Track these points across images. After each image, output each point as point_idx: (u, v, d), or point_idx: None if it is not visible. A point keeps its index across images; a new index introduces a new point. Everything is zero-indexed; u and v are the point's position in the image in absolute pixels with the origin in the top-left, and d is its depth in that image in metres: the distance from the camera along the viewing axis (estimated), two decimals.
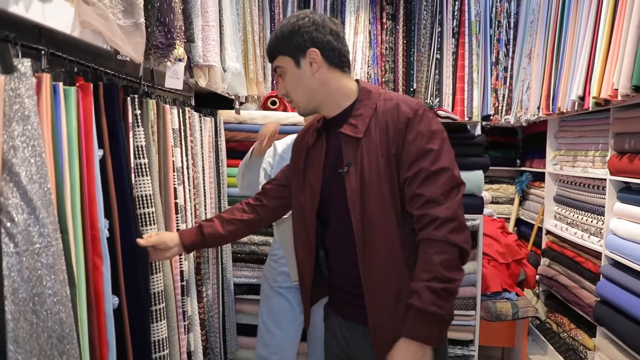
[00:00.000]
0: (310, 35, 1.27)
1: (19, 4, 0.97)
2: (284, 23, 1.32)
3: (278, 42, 1.32)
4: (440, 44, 3.71)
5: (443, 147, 1.25)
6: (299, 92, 1.33)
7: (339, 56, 1.32)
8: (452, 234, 1.19)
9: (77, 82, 1.24)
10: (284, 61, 1.31)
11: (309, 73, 1.29)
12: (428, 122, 1.25)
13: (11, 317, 0.94)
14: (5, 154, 0.96)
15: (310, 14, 1.31)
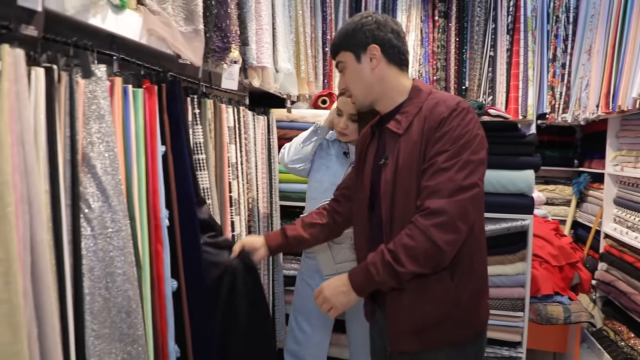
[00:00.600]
0: (372, 33, 1.34)
1: (96, 17, 1.10)
2: (348, 21, 1.39)
3: (341, 39, 1.39)
4: (494, 41, 3.63)
5: (465, 147, 1.24)
6: (358, 86, 1.39)
7: (398, 54, 1.37)
8: (434, 227, 1.20)
9: (144, 84, 1.36)
10: (345, 56, 1.38)
11: (369, 68, 1.35)
12: (460, 122, 1.25)
13: (87, 292, 1.07)
14: (85, 148, 1.09)
15: (374, 14, 1.38)
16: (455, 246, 1.24)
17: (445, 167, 1.23)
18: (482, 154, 1.27)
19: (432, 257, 1.23)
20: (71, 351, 1.02)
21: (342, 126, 1.87)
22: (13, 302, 0.86)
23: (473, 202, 1.24)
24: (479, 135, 1.27)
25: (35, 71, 0.96)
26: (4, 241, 0.86)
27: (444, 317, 1.31)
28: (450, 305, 1.30)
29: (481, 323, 1.39)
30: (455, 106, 1.27)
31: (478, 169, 1.25)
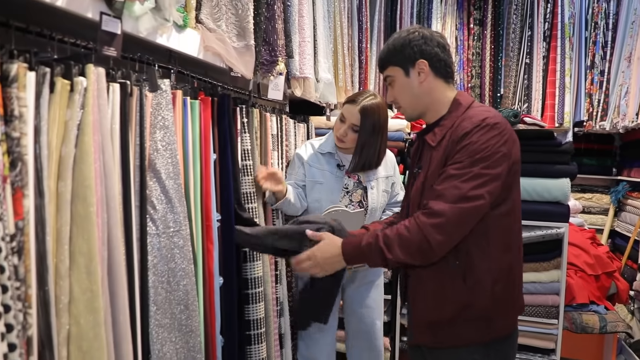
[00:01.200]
0: (420, 48, 1.39)
1: (162, 36, 1.22)
2: (395, 37, 1.45)
3: (389, 54, 1.44)
4: (530, 48, 3.63)
5: (480, 161, 1.27)
6: (407, 99, 1.45)
7: (444, 67, 1.42)
8: (431, 227, 1.27)
9: (199, 96, 1.48)
10: (394, 71, 1.44)
11: (417, 82, 1.41)
12: (480, 137, 1.28)
13: (152, 285, 1.19)
14: (151, 155, 1.21)
15: (420, 28, 1.43)
16: (445, 249, 1.30)
17: (455, 175, 1.28)
18: (499, 170, 1.28)
19: (422, 252, 1.30)
20: (138, 337, 1.14)
21: (341, 133, 1.93)
22: (93, 290, 0.98)
23: (475, 213, 1.28)
24: (500, 152, 1.28)
25: (112, 87, 1.08)
26: (87, 237, 0.98)
27: (456, 317, 1.36)
28: (462, 307, 1.35)
29: (498, 329, 1.39)
30: (480, 122, 1.30)
31: (488, 184, 1.27)
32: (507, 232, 1.38)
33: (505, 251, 1.37)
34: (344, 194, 2.03)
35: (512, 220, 1.38)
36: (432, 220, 1.27)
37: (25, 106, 0.86)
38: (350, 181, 2.04)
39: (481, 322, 1.36)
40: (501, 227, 1.36)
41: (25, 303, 0.85)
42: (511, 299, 1.42)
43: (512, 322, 1.44)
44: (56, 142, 0.95)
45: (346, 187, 2.03)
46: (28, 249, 0.86)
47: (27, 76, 0.87)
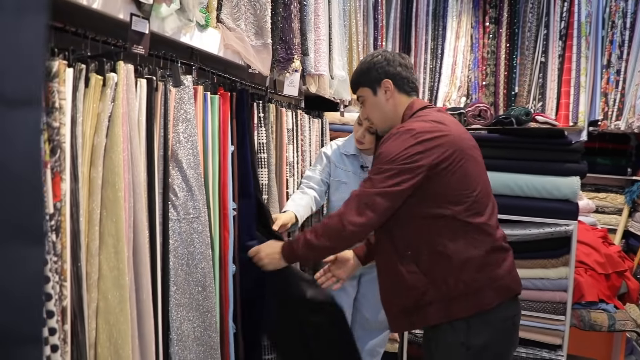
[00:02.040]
0: (384, 69, 1.58)
1: (186, 35, 1.30)
2: (362, 61, 1.65)
3: (359, 77, 1.64)
4: (546, 46, 3.64)
5: (388, 162, 1.42)
6: (377, 115, 1.64)
7: (407, 83, 1.60)
8: (351, 213, 1.43)
9: (219, 91, 1.56)
10: (364, 91, 1.63)
11: (384, 99, 1.60)
12: (390, 143, 1.44)
13: (172, 267, 1.28)
14: (174, 146, 1.30)
15: (383, 52, 1.62)
16: (358, 227, 1.43)
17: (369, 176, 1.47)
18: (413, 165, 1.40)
19: (335, 231, 1.47)
20: (159, 315, 1.23)
21: (359, 135, 1.99)
22: (120, 268, 1.07)
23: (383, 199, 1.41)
24: (412, 151, 1.41)
25: (140, 82, 1.17)
26: (116, 219, 1.07)
27: (422, 300, 1.46)
28: (424, 290, 1.45)
29: (461, 311, 1.45)
30: (397, 130, 1.46)
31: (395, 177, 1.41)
32: (459, 225, 1.45)
33: (457, 243, 1.45)
34: None
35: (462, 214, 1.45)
36: (347, 204, 1.46)
37: (64, 99, 0.95)
38: None
39: (444, 304, 1.45)
40: (451, 223, 1.45)
41: (61, 276, 0.94)
42: (475, 283, 1.46)
43: (478, 302, 1.47)
44: (90, 132, 1.04)
45: None
46: (64, 227, 0.95)
47: (66, 72, 0.96)
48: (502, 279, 1.54)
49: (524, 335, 2.45)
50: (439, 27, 3.94)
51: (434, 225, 1.45)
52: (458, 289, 1.44)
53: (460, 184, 1.45)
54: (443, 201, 1.44)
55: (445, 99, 3.80)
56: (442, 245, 1.44)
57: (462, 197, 1.45)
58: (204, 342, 1.32)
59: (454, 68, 3.87)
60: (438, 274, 1.45)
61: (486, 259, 1.50)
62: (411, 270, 1.47)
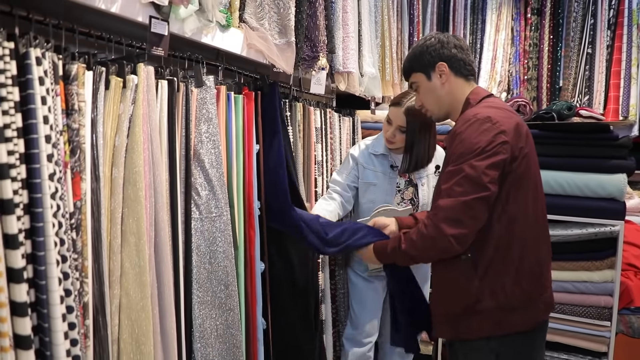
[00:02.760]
0: (438, 52, 1.48)
1: (207, 36, 1.32)
2: (414, 46, 1.56)
3: (411, 62, 1.55)
4: (593, 37, 3.44)
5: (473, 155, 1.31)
6: (431, 102, 1.54)
7: (464, 66, 1.49)
8: (446, 223, 1.32)
9: (243, 91, 1.57)
10: (417, 77, 1.54)
11: (439, 84, 1.50)
12: (470, 133, 1.33)
13: (195, 265, 1.30)
14: (196, 145, 1.31)
15: (436, 34, 1.52)
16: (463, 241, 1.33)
17: (454, 171, 1.33)
18: (497, 159, 1.30)
19: (439, 247, 1.37)
20: (181, 312, 1.25)
21: (389, 135, 1.94)
22: (141, 265, 1.10)
23: (482, 204, 1.31)
24: (495, 141, 1.31)
25: (161, 83, 1.19)
26: (137, 217, 1.09)
27: (472, 308, 1.37)
28: (478, 297, 1.37)
29: (516, 323, 1.38)
30: (470, 118, 1.36)
31: (488, 174, 1.30)
32: (521, 227, 1.37)
33: (518, 246, 1.37)
34: (396, 192, 2.05)
35: (526, 214, 1.38)
36: (442, 215, 1.34)
37: (84, 101, 0.98)
38: (401, 180, 2.06)
39: (496, 314, 1.37)
40: (514, 223, 1.36)
41: (82, 273, 0.98)
42: (530, 293, 1.40)
43: (533, 315, 1.42)
44: (110, 133, 1.07)
45: (398, 186, 2.05)
46: (85, 226, 0.98)
47: (86, 75, 0.99)
48: (547, 290, 1.47)
49: (566, 341, 2.33)
50: (477, 20, 3.80)
51: (501, 226, 1.36)
52: (516, 299, 1.36)
53: (527, 180, 1.38)
54: (510, 199, 1.35)
55: None
56: (506, 248, 1.36)
57: (528, 195, 1.38)
58: (226, 339, 1.34)
59: (493, 63, 3.74)
60: (497, 280, 1.36)
61: (543, 266, 1.44)
62: (468, 274, 1.38)
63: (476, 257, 1.37)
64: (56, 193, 0.88)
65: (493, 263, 1.36)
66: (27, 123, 0.84)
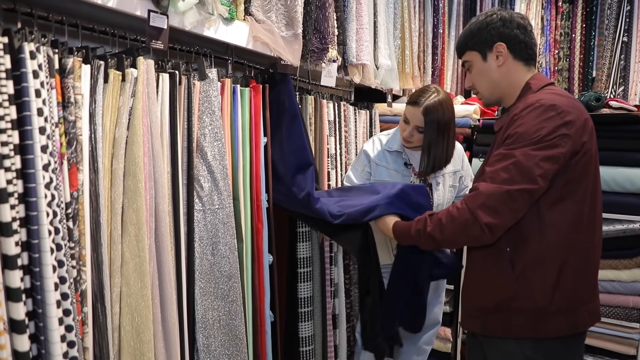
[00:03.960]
0: (498, 31, 1.35)
1: (210, 29, 1.32)
2: (472, 21, 1.42)
3: (467, 39, 1.42)
4: (629, 24, 3.27)
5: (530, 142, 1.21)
6: (484, 84, 1.41)
7: (525, 49, 1.36)
8: (480, 208, 1.24)
9: (251, 84, 1.58)
10: (471, 56, 1.41)
11: (495, 66, 1.37)
12: (532, 119, 1.23)
13: (197, 255, 1.31)
14: (199, 138, 1.33)
15: (498, 10, 1.39)
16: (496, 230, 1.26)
17: (505, 155, 1.24)
18: (555, 152, 1.20)
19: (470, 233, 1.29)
20: (183, 302, 1.27)
21: (407, 135, 1.86)
22: (141, 255, 1.12)
23: (524, 196, 1.22)
24: (558, 133, 1.21)
25: (162, 76, 1.21)
26: (137, 208, 1.11)
27: (503, 306, 1.30)
28: (509, 297, 1.29)
29: (553, 328, 1.28)
30: (533, 102, 1.25)
31: (541, 166, 1.20)
32: (572, 227, 1.26)
33: (566, 248, 1.26)
34: None
35: (581, 215, 1.27)
36: (479, 200, 1.25)
37: (81, 94, 1.00)
38: (415, 179, 1.99)
39: (531, 315, 1.29)
40: (565, 222, 1.26)
41: (80, 261, 1.00)
42: (572, 299, 1.30)
43: (572, 323, 1.31)
44: (110, 126, 1.09)
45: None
46: (83, 216, 1.01)
47: (82, 68, 1.01)
48: (594, 299, 1.35)
49: (593, 343, 2.24)
50: None
51: (550, 224, 1.25)
52: (555, 303, 1.27)
53: (585, 179, 1.27)
54: (565, 197, 1.24)
55: None
56: (552, 249, 1.26)
57: (585, 195, 1.27)
58: (229, 331, 1.35)
59: None
60: (536, 280, 1.27)
61: (592, 273, 1.33)
62: (505, 269, 1.29)
63: (516, 253, 1.28)
64: (51, 183, 0.90)
65: (534, 262, 1.27)
66: (21, 115, 0.87)
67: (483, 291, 1.36)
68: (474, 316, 1.41)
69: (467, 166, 2.07)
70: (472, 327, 1.44)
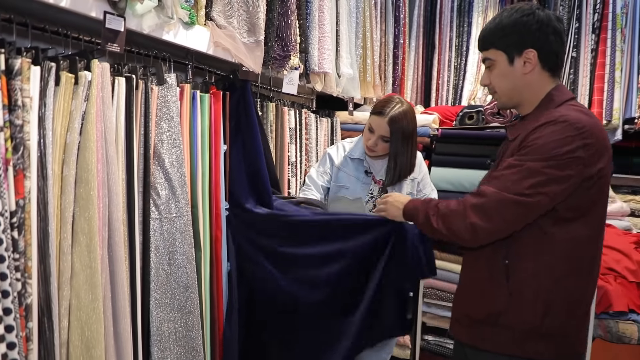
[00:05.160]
0: (532, 35, 1.24)
1: (169, 33, 1.29)
2: (505, 15, 1.28)
3: (495, 35, 1.29)
4: (577, 40, 3.44)
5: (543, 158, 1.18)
6: (505, 88, 1.31)
7: (555, 59, 1.27)
8: (472, 208, 1.23)
9: (211, 90, 1.55)
10: (496, 55, 1.29)
11: (520, 72, 1.27)
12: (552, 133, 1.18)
13: (153, 266, 1.27)
14: (156, 145, 1.29)
15: (537, 9, 1.26)
16: (483, 235, 1.23)
17: (514, 165, 1.21)
18: (564, 173, 1.16)
19: (459, 230, 1.27)
20: (138, 315, 1.22)
21: (371, 144, 1.89)
22: (93, 266, 1.07)
23: (523, 210, 1.19)
24: (573, 154, 1.16)
25: (118, 80, 1.17)
26: (89, 217, 1.06)
27: (492, 319, 1.27)
28: (498, 311, 1.25)
29: (542, 351, 1.23)
30: (557, 117, 1.20)
31: (548, 184, 1.16)
32: (575, 249, 1.22)
33: (565, 269, 1.23)
34: (369, 199, 2.02)
35: (588, 238, 1.23)
36: (474, 200, 1.24)
37: (29, 97, 0.95)
38: (375, 187, 2.02)
39: (519, 334, 1.25)
40: (569, 243, 1.22)
41: (25, 274, 0.95)
42: (564, 324, 1.25)
43: (563, 351, 1.26)
44: (61, 131, 1.04)
45: (371, 192, 2.01)
46: (29, 225, 0.95)
47: (32, 70, 0.96)
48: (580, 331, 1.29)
49: None
50: (464, 23, 3.81)
51: (554, 245, 1.21)
52: (546, 327, 1.23)
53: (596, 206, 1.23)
54: (575, 220, 1.20)
55: (470, 97, 3.66)
56: (551, 270, 1.21)
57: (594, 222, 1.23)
58: (185, 343, 1.31)
59: (479, 66, 3.73)
60: (529, 299, 1.22)
61: (589, 302, 1.28)
62: (498, 282, 1.25)
63: (513, 268, 1.24)
64: None
65: (530, 279, 1.23)
66: None
67: (475, 300, 1.32)
68: (463, 324, 1.37)
69: (425, 174, 2.12)
70: (459, 335, 1.40)
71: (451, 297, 2.41)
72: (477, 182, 2.36)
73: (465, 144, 2.47)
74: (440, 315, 2.48)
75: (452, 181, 2.46)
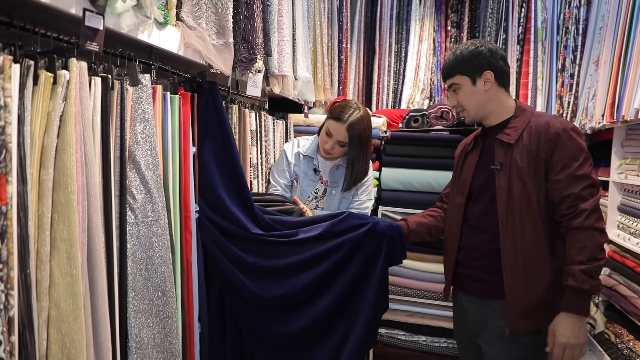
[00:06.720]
0: (487, 60, 1.60)
1: (144, 33, 1.26)
2: (462, 48, 1.64)
3: (458, 64, 1.63)
4: (505, 50, 3.74)
5: (584, 161, 1.51)
6: (472, 104, 1.65)
7: (506, 78, 1.65)
8: (597, 222, 1.48)
9: (179, 91, 1.53)
10: (460, 79, 1.63)
11: (482, 90, 1.62)
12: (574, 139, 1.53)
13: (130, 272, 1.23)
14: (131, 147, 1.25)
15: (486, 42, 1.63)
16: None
17: (581, 176, 1.49)
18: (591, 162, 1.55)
19: (599, 243, 1.49)
20: (116, 322, 1.18)
21: (329, 147, 1.95)
22: (73, 274, 1.02)
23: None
24: (585, 146, 1.55)
25: (94, 80, 1.12)
26: (68, 223, 1.02)
27: (546, 299, 1.52)
28: (548, 289, 1.52)
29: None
30: (565, 125, 1.55)
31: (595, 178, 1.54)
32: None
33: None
34: (312, 198, 2.06)
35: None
36: (594, 216, 1.48)
37: (10, 96, 0.90)
38: (321, 187, 2.07)
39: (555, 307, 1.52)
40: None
41: (8, 285, 0.89)
42: None
43: None
44: (39, 132, 0.99)
45: (316, 192, 2.06)
46: (11, 232, 0.90)
47: (12, 68, 0.91)
48: None
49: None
50: (402, 30, 3.99)
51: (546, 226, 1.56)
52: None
53: None
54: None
55: (409, 101, 3.84)
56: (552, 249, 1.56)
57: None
58: (164, 348, 1.28)
59: (417, 71, 3.93)
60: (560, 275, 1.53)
61: None
62: (543, 265, 1.54)
63: (553, 254, 1.55)
64: None
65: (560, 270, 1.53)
66: None
67: (531, 290, 1.54)
68: (524, 317, 1.55)
69: (370, 180, 2.19)
70: (524, 326, 1.55)
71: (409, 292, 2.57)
72: (425, 181, 2.53)
73: (413, 145, 2.60)
74: (392, 309, 2.59)
75: (401, 181, 2.59)
